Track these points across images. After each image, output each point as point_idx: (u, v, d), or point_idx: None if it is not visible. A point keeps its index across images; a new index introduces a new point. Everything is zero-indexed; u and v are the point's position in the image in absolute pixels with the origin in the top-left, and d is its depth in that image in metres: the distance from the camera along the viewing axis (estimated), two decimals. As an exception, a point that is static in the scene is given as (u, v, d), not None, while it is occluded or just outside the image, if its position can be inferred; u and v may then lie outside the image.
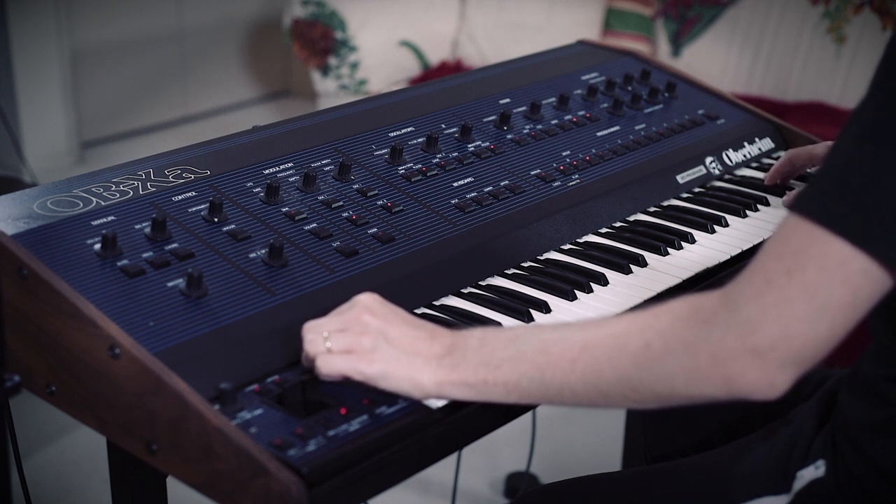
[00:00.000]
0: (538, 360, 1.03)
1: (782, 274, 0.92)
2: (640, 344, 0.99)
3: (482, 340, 1.07)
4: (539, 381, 1.03)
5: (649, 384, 0.99)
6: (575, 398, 1.03)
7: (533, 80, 1.74)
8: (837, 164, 0.94)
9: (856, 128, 0.94)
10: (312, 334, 1.08)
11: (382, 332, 1.07)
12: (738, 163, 1.71)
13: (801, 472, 1.14)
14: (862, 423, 1.09)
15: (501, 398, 1.05)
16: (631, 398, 1.01)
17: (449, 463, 2.20)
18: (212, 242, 1.22)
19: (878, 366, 1.09)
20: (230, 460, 0.97)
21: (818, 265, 0.91)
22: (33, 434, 2.56)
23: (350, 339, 1.06)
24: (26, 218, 1.19)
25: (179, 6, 4.44)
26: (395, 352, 1.06)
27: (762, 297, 0.93)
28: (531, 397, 1.05)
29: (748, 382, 0.94)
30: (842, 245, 0.90)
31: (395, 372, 1.05)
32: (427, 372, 1.05)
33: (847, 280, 0.91)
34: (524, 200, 1.44)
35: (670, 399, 0.99)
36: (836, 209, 0.91)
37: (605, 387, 1.01)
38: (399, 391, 1.06)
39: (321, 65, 3.73)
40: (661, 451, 1.52)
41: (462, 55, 3.79)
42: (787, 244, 0.93)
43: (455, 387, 1.05)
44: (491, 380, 1.04)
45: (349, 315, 1.09)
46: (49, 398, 1.13)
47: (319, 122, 1.50)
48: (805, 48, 3.33)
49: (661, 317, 1.00)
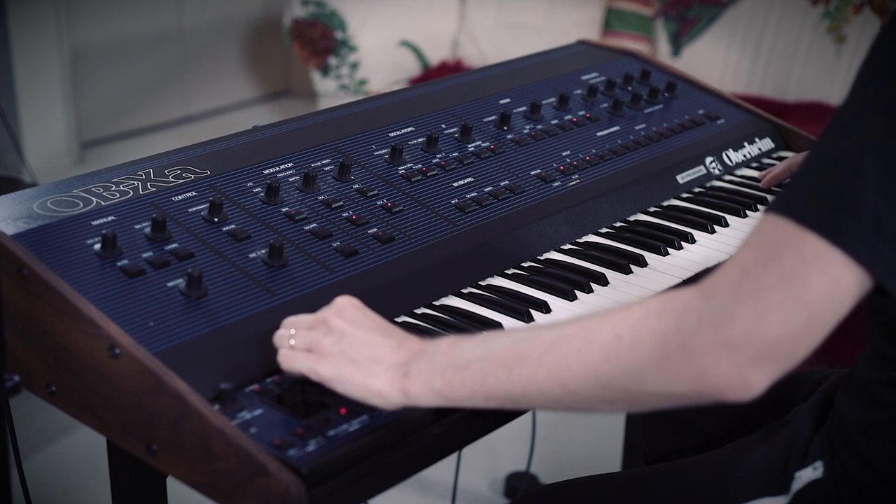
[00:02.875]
0: (506, 357, 1.00)
1: (759, 264, 0.89)
2: (610, 336, 0.95)
3: (453, 345, 1.03)
4: (505, 378, 0.99)
5: (618, 378, 0.94)
6: (541, 397, 0.98)
7: (533, 80, 1.74)
8: (816, 162, 0.93)
9: (836, 126, 0.93)
10: (283, 329, 1.09)
11: (345, 336, 1.05)
12: (738, 163, 1.72)
13: (800, 473, 1.14)
14: (858, 425, 1.09)
15: (466, 402, 1.02)
16: (600, 396, 0.96)
17: (449, 463, 2.20)
18: (212, 242, 1.22)
19: (874, 368, 1.09)
20: (230, 460, 0.97)
21: (796, 255, 0.88)
22: (33, 434, 2.56)
23: (312, 338, 1.06)
24: (26, 218, 1.19)
25: (179, 6, 4.44)
26: (354, 357, 1.04)
27: (737, 286, 0.89)
28: (497, 399, 1.00)
29: (720, 377, 0.89)
30: (818, 241, 0.88)
31: (350, 377, 1.03)
32: (385, 379, 1.02)
33: (825, 271, 0.88)
34: (524, 200, 1.44)
35: (640, 397, 0.95)
36: (813, 206, 0.89)
37: (572, 383, 0.96)
38: (355, 398, 1.03)
39: (321, 65, 3.73)
40: (661, 451, 1.52)
41: (462, 55, 3.79)
42: (763, 236, 0.91)
43: (420, 393, 1.02)
44: (457, 382, 1.01)
45: (320, 315, 1.08)
46: (49, 398, 1.13)
47: (319, 122, 1.50)
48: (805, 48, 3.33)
49: (634, 310, 0.96)
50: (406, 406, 1.03)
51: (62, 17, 3.95)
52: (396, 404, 1.03)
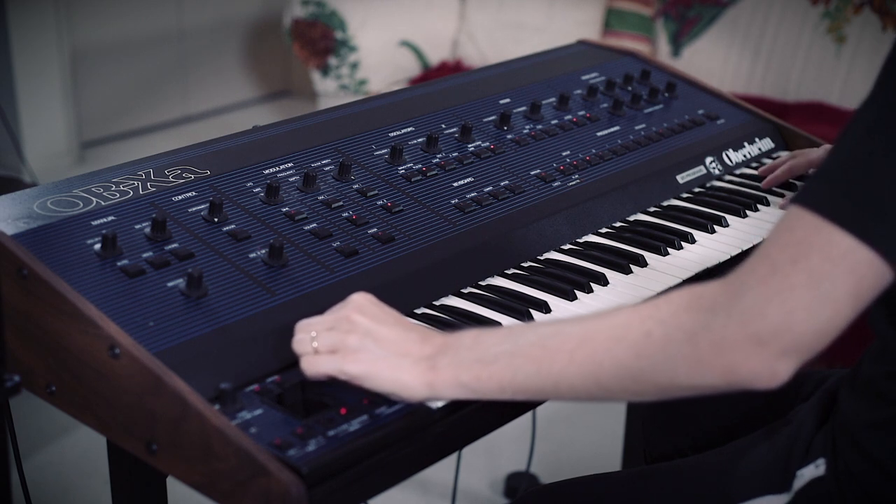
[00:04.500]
0: (535, 353, 1.02)
1: (787, 262, 0.92)
2: (640, 333, 0.98)
3: (476, 339, 1.05)
4: (535, 374, 1.01)
5: (650, 374, 0.97)
6: (572, 392, 1.01)
7: (533, 80, 1.74)
8: (842, 157, 0.95)
9: (862, 122, 0.94)
10: (302, 333, 1.08)
11: (370, 332, 1.06)
12: (738, 163, 1.72)
13: (802, 471, 1.14)
14: (863, 422, 1.09)
15: (496, 395, 1.04)
16: (631, 390, 0.99)
17: (449, 463, 2.20)
18: (212, 242, 1.22)
19: (879, 364, 1.09)
20: (230, 460, 0.97)
21: (823, 255, 0.91)
22: (33, 434, 2.56)
23: (336, 338, 1.06)
24: (26, 218, 1.19)
25: (179, 6, 4.44)
26: (382, 352, 1.05)
27: (766, 285, 0.92)
28: (527, 393, 1.03)
29: (750, 371, 0.93)
30: (845, 238, 0.91)
31: (379, 373, 1.04)
32: (414, 373, 1.04)
33: (851, 270, 0.91)
34: (524, 200, 1.44)
35: (670, 390, 0.98)
36: (840, 202, 0.92)
37: (604, 378, 0.99)
38: (385, 392, 1.04)
39: (321, 65, 3.73)
40: (661, 451, 1.52)
41: (462, 55, 3.79)
42: (791, 234, 0.93)
43: (447, 387, 1.04)
44: (485, 376, 1.03)
45: (339, 314, 1.08)
46: (49, 398, 1.13)
47: (319, 122, 1.50)
48: (805, 48, 3.33)
49: (662, 306, 0.99)
50: (430, 399, 1.05)
51: (62, 17, 3.96)
52: (421, 397, 1.05)
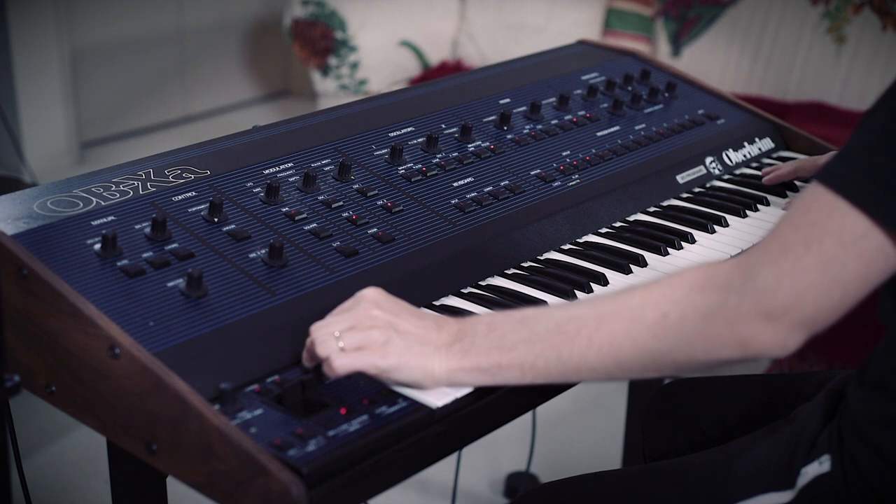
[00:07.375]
0: (553, 339, 1.05)
1: (800, 244, 0.96)
2: (656, 315, 1.02)
3: (490, 325, 1.08)
4: (556, 359, 1.05)
5: (669, 354, 1.02)
6: (593, 373, 1.05)
7: (533, 80, 1.74)
8: (865, 139, 0.97)
9: (887, 105, 0.96)
10: (323, 335, 1.08)
11: (392, 325, 1.08)
12: (738, 163, 1.72)
13: (805, 469, 1.14)
14: (873, 418, 1.09)
15: (516, 380, 1.07)
16: (651, 368, 1.04)
17: (449, 463, 2.20)
18: (212, 242, 1.22)
19: (888, 359, 1.09)
20: (230, 460, 0.97)
21: (836, 238, 0.94)
22: (33, 434, 2.56)
23: (361, 335, 1.07)
24: (26, 218, 1.19)
25: (179, 6, 4.44)
26: (407, 343, 1.07)
27: (778, 265, 0.96)
28: (548, 377, 1.06)
29: (763, 344, 0.99)
30: (860, 221, 0.94)
31: (408, 362, 1.06)
32: (438, 360, 1.07)
33: (862, 255, 0.94)
34: (524, 200, 1.44)
35: (688, 366, 1.03)
36: (860, 182, 0.94)
37: (624, 360, 1.04)
38: (412, 382, 1.07)
39: (321, 65, 3.73)
40: (661, 451, 1.52)
41: (462, 55, 3.79)
42: (806, 214, 0.97)
43: (467, 373, 1.07)
44: (505, 363, 1.06)
45: (356, 311, 1.09)
46: (49, 398, 1.13)
47: (319, 122, 1.50)
48: (805, 48, 3.33)
49: (676, 286, 1.03)
50: (451, 385, 1.08)
51: (62, 17, 3.95)
52: (442, 384, 1.08)
